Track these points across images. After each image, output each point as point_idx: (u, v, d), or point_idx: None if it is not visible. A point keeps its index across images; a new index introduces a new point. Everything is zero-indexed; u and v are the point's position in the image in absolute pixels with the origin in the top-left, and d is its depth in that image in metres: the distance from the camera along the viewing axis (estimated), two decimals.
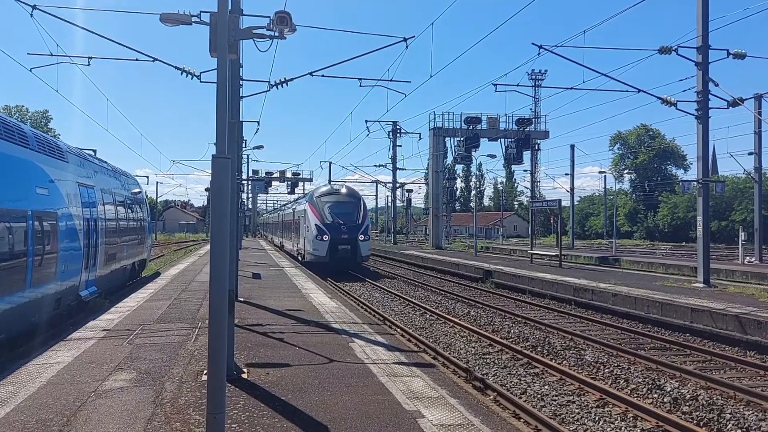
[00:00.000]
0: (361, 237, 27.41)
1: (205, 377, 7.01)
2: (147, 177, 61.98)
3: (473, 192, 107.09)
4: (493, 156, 44.82)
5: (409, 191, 63.52)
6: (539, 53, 18.19)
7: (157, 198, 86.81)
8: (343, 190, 30.52)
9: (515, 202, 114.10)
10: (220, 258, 5.42)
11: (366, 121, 44.26)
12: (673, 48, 18.46)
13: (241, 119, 12.92)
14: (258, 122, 38.85)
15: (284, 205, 54.91)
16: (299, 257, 31.24)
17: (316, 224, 27.38)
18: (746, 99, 22.10)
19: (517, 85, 24.99)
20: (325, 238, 26.92)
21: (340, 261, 27.08)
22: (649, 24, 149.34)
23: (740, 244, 32.33)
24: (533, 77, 61.97)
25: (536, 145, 55.03)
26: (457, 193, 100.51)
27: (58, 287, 11.61)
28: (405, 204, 63.69)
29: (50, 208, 11.19)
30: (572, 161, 53.77)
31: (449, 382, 7.75)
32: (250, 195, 68.61)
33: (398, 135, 49.62)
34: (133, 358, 8.51)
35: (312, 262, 27.65)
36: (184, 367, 8.05)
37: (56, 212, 11.44)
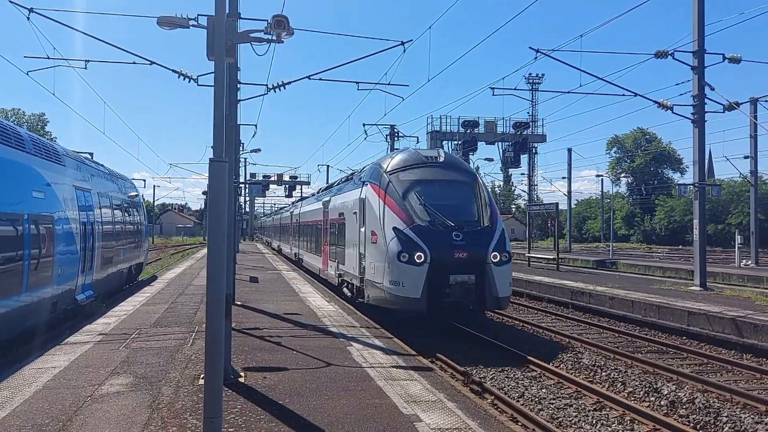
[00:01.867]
0: (494, 255, 12.69)
1: (202, 381, 6.98)
2: (144, 180, 62.26)
3: None
4: (490, 159, 44.72)
5: None
6: (536, 57, 18.34)
7: (154, 201, 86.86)
8: (442, 158, 14.63)
9: (512, 206, 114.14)
10: (217, 261, 5.42)
11: (364, 125, 43.93)
12: (670, 52, 18.57)
13: (238, 122, 12.96)
14: (256, 125, 38.82)
15: (302, 198, 41.24)
16: (345, 289, 16.79)
17: (395, 228, 12.81)
18: (742, 103, 22.23)
19: (515, 89, 25.16)
20: (420, 257, 12.33)
21: (451, 307, 12.69)
22: (645, 28, 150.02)
23: (737, 248, 32.46)
24: (530, 81, 62.31)
25: (533, 149, 55.21)
26: None
27: (54, 291, 11.58)
28: None
29: (47, 212, 11.17)
30: (569, 165, 54.03)
31: (447, 386, 7.74)
32: (247, 198, 68.69)
33: (396, 138, 49.52)
34: (130, 363, 8.48)
35: (384, 307, 13.15)
36: (181, 372, 8.02)
37: (52, 216, 11.42)
